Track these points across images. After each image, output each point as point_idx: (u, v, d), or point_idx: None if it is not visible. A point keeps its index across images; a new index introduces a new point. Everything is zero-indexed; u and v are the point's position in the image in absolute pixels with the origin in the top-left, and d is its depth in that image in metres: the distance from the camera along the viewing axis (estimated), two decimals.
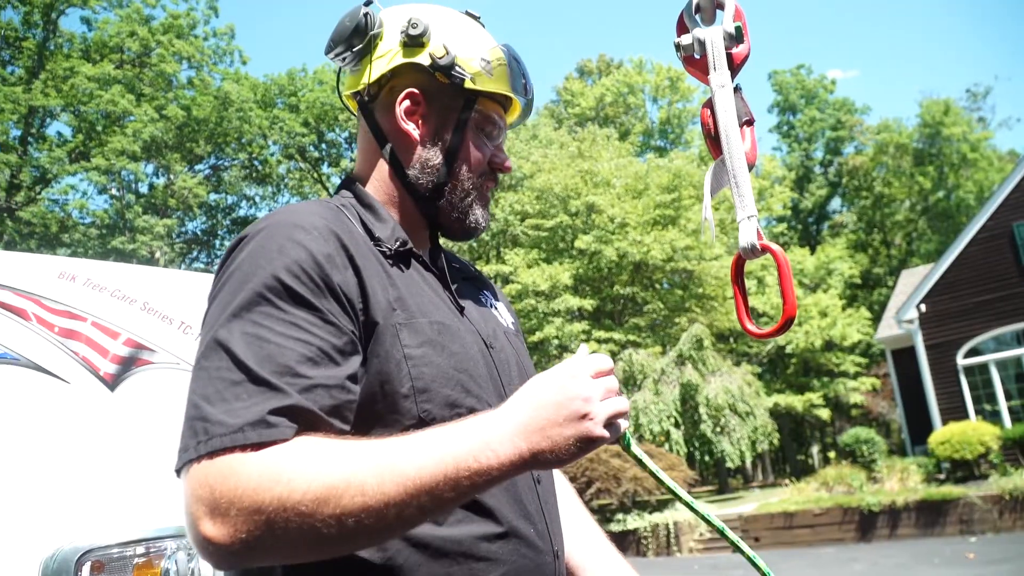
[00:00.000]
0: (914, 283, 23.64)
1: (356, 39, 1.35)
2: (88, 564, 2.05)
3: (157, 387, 2.73)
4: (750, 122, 1.68)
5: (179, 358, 2.81)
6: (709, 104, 1.55)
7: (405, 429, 1.15)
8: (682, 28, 1.61)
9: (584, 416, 1.04)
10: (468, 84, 1.34)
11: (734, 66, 1.59)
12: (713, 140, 1.55)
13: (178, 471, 1.04)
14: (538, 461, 1.03)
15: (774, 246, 1.44)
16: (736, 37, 1.55)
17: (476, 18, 1.46)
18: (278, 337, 1.08)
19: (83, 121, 30.96)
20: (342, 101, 1.51)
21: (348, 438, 1.05)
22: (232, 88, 32.23)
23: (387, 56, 1.36)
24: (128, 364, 2.71)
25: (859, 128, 44.40)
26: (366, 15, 1.35)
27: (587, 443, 1.04)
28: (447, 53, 1.32)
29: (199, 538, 0.99)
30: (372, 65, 1.36)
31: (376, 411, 1.16)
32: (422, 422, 1.17)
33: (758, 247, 1.47)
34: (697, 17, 1.61)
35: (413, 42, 1.33)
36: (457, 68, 1.33)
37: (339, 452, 1.01)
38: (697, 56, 1.59)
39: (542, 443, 1.03)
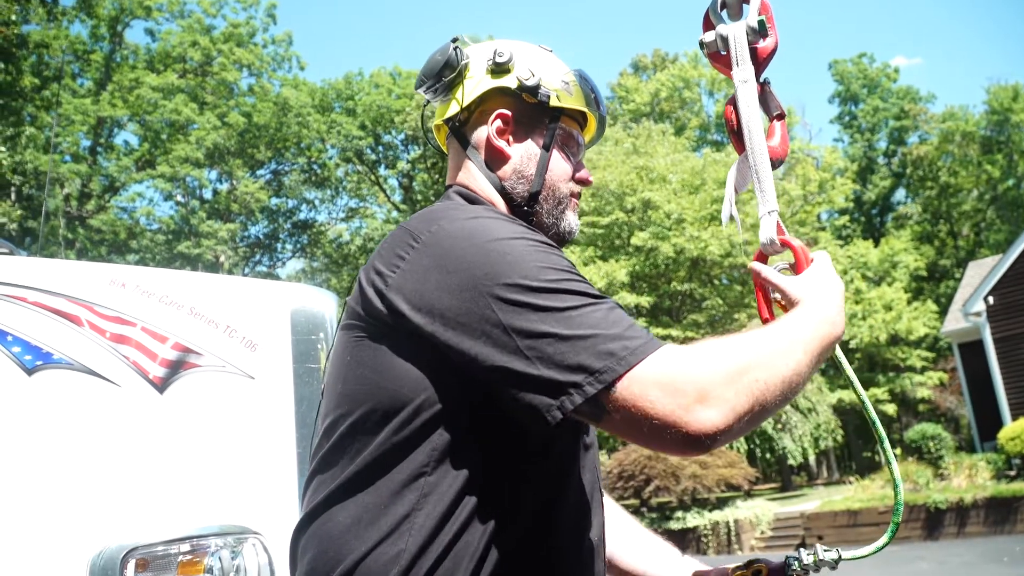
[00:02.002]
0: (982, 274, 22.96)
1: (447, 71, 1.48)
2: (133, 561, 2.12)
3: (204, 389, 2.81)
4: (781, 116, 1.67)
5: (225, 361, 2.89)
6: (733, 100, 1.56)
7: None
8: (708, 25, 1.62)
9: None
10: (553, 102, 1.48)
11: (760, 60, 1.59)
12: (737, 136, 1.55)
13: (590, 397, 1.11)
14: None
15: (794, 241, 1.45)
16: (759, 31, 1.54)
17: (549, 51, 1.58)
18: (591, 285, 1.23)
19: (149, 130, 31.81)
20: (425, 134, 1.67)
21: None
22: (291, 94, 32.83)
23: (476, 83, 1.49)
24: (176, 367, 2.79)
25: (923, 117, 43.26)
26: (455, 49, 1.48)
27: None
28: (532, 75, 1.46)
29: (687, 432, 1.09)
30: (464, 92, 1.49)
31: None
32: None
33: (777, 242, 1.48)
34: (723, 13, 1.61)
35: (500, 68, 1.48)
36: (542, 88, 1.47)
37: (749, 338, 1.20)
38: (723, 52, 1.59)
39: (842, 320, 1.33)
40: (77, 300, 2.78)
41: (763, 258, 1.54)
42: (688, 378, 1.09)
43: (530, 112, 1.49)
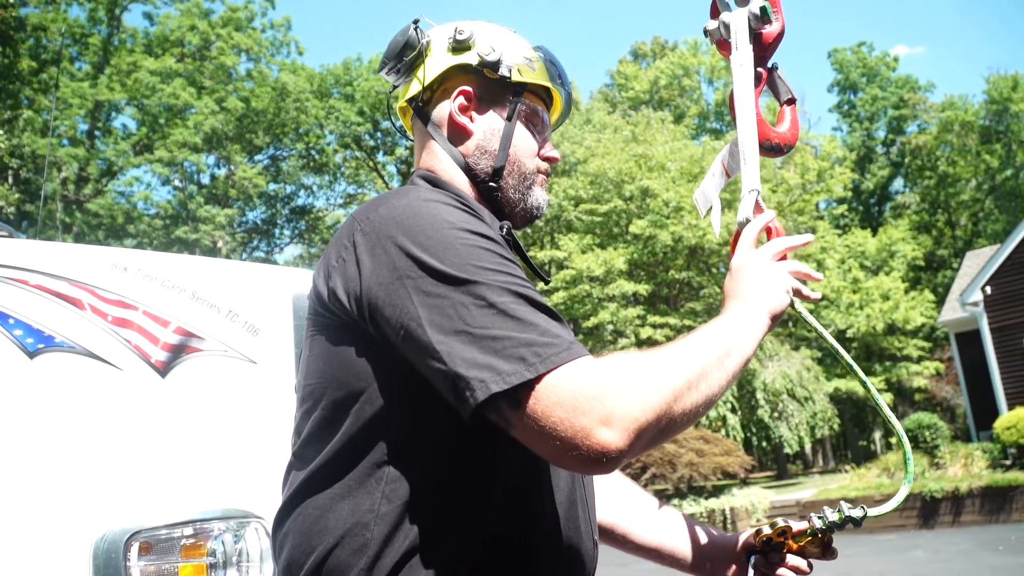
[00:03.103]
0: (979, 264, 23.00)
1: (408, 51, 1.48)
2: (136, 545, 2.12)
3: (206, 374, 2.81)
4: (791, 101, 1.68)
5: (227, 345, 2.89)
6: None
7: None
8: (715, 12, 1.63)
9: (781, 283, 1.39)
10: (515, 76, 1.46)
11: (765, 46, 1.59)
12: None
13: (494, 397, 1.07)
14: (775, 321, 1.36)
15: (770, 222, 1.46)
16: (762, 17, 1.55)
17: (512, 31, 1.56)
18: (521, 277, 1.18)
19: (146, 114, 31.71)
20: (390, 118, 1.65)
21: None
22: (289, 79, 32.69)
23: (438, 61, 1.48)
24: (178, 351, 2.79)
25: (922, 106, 43.21)
26: (415, 29, 1.48)
27: (787, 297, 1.39)
28: (493, 51, 1.45)
29: (593, 451, 1.06)
30: (425, 71, 1.48)
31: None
32: None
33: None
34: (730, 0, 1.62)
35: (460, 46, 1.46)
36: (504, 63, 1.45)
37: (669, 352, 1.18)
38: (728, 39, 1.60)
39: (774, 309, 1.36)
40: (79, 283, 2.78)
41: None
42: (594, 397, 1.06)
43: (492, 88, 1.47)
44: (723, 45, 1.63)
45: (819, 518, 1.45)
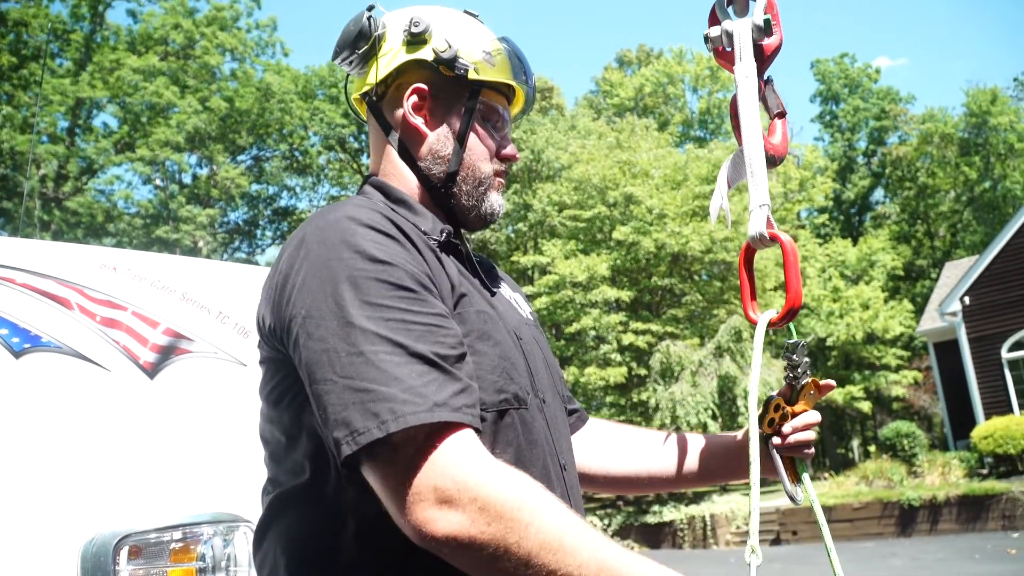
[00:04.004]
0: (958, 275, 23.22)
1: (361, 42, 1.38)
2: (126, 549, 2.10)
3: (195, 376, 2.79)
4: (782, 114, 1.69)
5: (217, 347, 2.87)
6: (735, 95, 1.57)
7: None
8: (714, 20, 1.63)
9: None
10: (472, 75, 1.37)
11: (764, 58, 1.60)
12: (739, 130, 1.57)
13: (354, 456, 1.03)
14: None
15: (783, 235, 1.47)
16: (765, 29, 1.55)
17: (475, 16, 1.48)
18: (417, 316, 1.10)
19: (128, 112, 31.45)
20: (350, 106, 1.55)
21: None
22: (274, 80, 32.54)
23: (391, 55, 1.39)
24: (167, 353, 2.77)
25: (903, 118, 43.58)
26: (369, 18, 1.38)
27: None
28: (449, 47, 1.35)
29: (412, 525, 1.02)
30: (378, 65, 1.39)
31: None
32: None
33: (766, 236, 1.49)
34: (729, 9, 1.62)
35: (416, 40, 1.37)
36: (460, 60, 1.36)
37: (566, 515, 1.06)
38: (728, 48, 1.61)
39: None
40: (67, 283, 2.75)
41: (751, 252, 1.56)
42: (450, 468, 1.02)
43: (448, 86, 1.38)
44: (721, 54, 1.63)
45: (794, 377, 1.56)
